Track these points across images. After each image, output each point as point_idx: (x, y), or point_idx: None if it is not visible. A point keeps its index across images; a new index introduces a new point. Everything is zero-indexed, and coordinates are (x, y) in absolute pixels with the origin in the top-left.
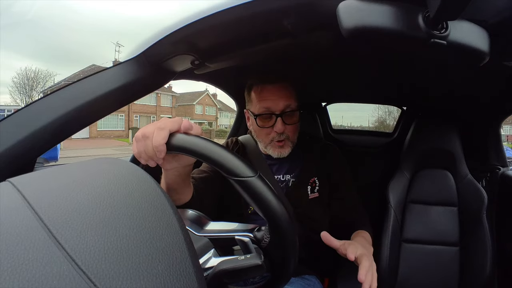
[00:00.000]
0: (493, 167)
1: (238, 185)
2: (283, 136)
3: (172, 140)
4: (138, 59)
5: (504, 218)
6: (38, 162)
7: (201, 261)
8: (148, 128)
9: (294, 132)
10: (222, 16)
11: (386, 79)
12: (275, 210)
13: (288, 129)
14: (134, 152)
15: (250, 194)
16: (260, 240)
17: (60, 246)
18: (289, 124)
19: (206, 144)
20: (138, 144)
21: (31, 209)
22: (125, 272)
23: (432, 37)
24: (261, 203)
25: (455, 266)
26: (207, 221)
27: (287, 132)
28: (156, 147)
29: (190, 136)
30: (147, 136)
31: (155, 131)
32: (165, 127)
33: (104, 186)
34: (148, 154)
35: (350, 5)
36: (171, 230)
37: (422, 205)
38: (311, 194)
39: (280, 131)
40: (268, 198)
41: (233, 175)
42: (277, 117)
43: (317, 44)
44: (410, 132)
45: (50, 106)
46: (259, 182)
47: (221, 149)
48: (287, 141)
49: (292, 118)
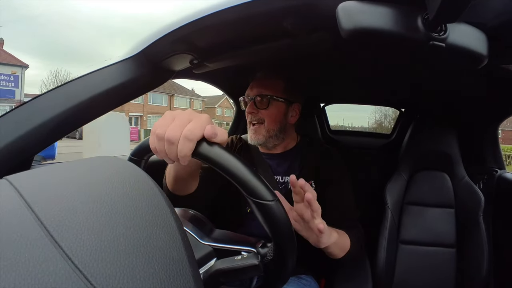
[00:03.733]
0: (490, 169)
1: (255, 206)
2: (255, 118)
3: (198, 149)
4: (137, 57)
5: (501, 220)
6: (35, 160)
7: (203, 270)
8: (173, 132)
9: (270, 119)
10: (221, 16)
11: (384, 80)
12: (287, 236)
13: (263, 113)
14: (152, 147)
15: (266, 217)
16: (263, 256)
17: (57, 245)
18: (261, 108)
19: (231, 160)
20: (160, 144)
21: (28, 207)
22: (122, 271)
23: (431, 39)
24: (275, 227)
25: (452, 268)
26: (211, 228)
27: (261, 116)
28: (181, 157)
29: (216, 148)
30: (172, 142)
31: (181, 140)
32: (193, 138)
33: (101, 184)
34: (171, 158)
35: (350, 7)
36: (168, 229)
37: (419, 207)
38: None
39: (248, 111)
40: (283, 224)
41: (253, 197)
42: (250, 100)
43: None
44: (408, 134)
45: (48, 104)
46: (277, 207)
47: (245, 168)
48: (262, 126)
49: (263, 102)
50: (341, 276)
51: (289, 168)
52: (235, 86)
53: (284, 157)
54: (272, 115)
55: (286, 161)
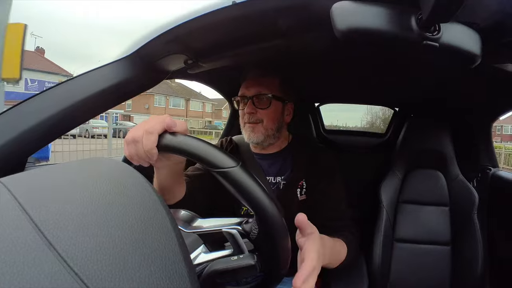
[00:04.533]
0: (484, 167)
1: (221, 177)
2: (253, 118)
3: (161, 142)
4: (131, 57)
5: (495, 217)
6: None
7: (193, 256)
8: (137, 131)
9: (268, 118)
10: (216, 16)
11: (379, 80)
12: (259, 199)
13: (261, 113)
14: (126, 154)
15: (233, 185)
16: (248, 232)
17: (52, 247)
18: (260, 108)
19: (190, 141)
20: (129, 147)
21: (22, 210)
22: (118, 273)
23: (424, 39)
24: (244, 193)
25: (447, 265)
26: (196, 218)
27: (260, 116)
28: (147, 151)
29: (177, 136)
30: (137, 140)
31: (144, 135)
32: (154, 131)
33: (96, 186)
34: (141, 157)
35: (344, 7)
36: (163, 230)
37: (414, 205)
38: (300, 196)
39: (247, 111)
40: (251, 187)
41: (215, 167)
42: (248, 99)
43: (310, 45)
44: (402, 133)
45: (42, 105)
46: (241, 172)
47: (203, 144)
48: (260, 125)
49: (263, 102)
50: (337, 274)
51: (280, 169)
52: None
53: (276, 157)
54: (271, 114)
55: (278, 161)
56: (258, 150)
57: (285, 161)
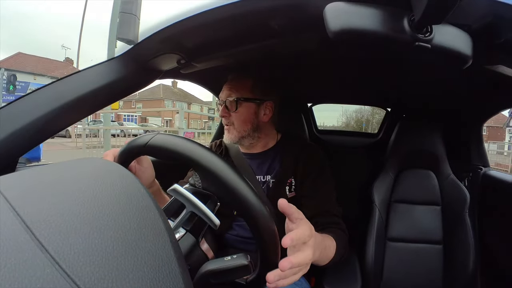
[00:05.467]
0: (475, 167)
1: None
2: (226, 120)
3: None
4: (123, 57)
5: (486, 216)
6: (20, 162)
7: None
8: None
9: (238, 121)
10: (208, 16)
11: (371, 80)
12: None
13: (233, 115)
14: None
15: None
16: (193, 184)
17: (43, 249)
18: (232, 111)
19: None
20: None
21: (13, 211)
22: (110, 274)
23: (416, 40)
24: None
25: (439, 264)
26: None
27: (231, 119)
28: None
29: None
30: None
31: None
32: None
33: (88, 186)
34: None
35: (337, 7)
36: (156, 231)
37: (406, 205)
38: (289, 193)
39: (221, 115)
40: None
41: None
42: (222, 103)
43: (303, 45)
44: (394, 133)
45: (33, 104)
46: (160, 136)
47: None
48: (232, 127)
49: (232, 105)
50: (330, 274)
51: (269, 167)
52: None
53: (265, 156)
54: (241, 117)
55: (266, 160)
56: (244, 150)
57: (274, 160)
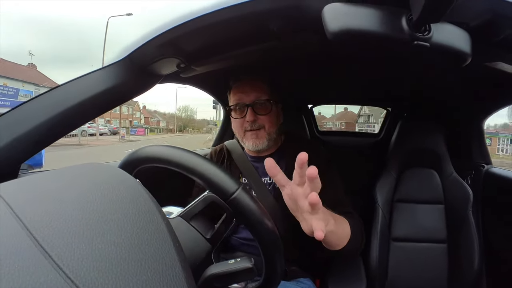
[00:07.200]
0: (477, 164)
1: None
2: (255, 125)
3: None
4: (123, 62)
5: (489, 214)
6: (22, 168)
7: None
8: None
9: (270, 124)
10: (207, 19)
11: (371, 81)
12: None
13: (262, 119)
14: None
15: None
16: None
17: (47, 254)
18: (262, 114)
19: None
20: None
21: (16, 217)
22: (114, 279)
23: (415, 39)
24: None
25: (444, 263)
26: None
27: (261, 122)
28: None
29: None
30: None
31: None
32: None
33: (91, 192)
34: None
35: (335, 8)
36: (159, 235)
37: (409, 204)
38: None
39: (250, 119)
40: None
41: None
42: (248, 107)
43: (303, 47)
44: (395, 133)
45: (34, 111)
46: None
47: None
48: (262, 131)
49: (264, 108)
50: (335, 275)
51: None
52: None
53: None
54: (273, 119)
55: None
56: (254, 153)
57: (280, 161)
